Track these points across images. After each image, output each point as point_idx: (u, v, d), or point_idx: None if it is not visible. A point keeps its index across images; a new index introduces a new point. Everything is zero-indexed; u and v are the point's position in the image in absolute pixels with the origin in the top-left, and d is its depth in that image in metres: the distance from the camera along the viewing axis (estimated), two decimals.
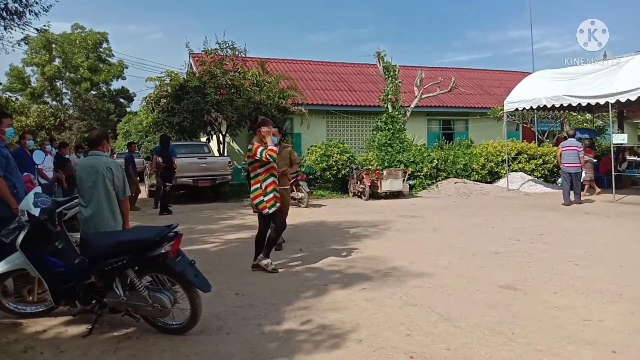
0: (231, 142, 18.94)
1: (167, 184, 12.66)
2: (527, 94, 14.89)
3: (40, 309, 4.63)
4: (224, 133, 17.76)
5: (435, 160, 16.57)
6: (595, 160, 15.17)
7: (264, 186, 6.20)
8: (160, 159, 12.85)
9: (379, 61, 17.97)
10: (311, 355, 3.80)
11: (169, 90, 17.06)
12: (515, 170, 16.91)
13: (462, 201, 13.94)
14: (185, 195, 15.35)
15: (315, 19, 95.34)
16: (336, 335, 4.16)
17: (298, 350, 3.89)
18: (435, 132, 23.14)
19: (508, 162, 16.52)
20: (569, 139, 12.96)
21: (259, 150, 6.11)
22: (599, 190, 14.19)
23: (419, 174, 16.28)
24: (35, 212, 4.18)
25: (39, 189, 4.67)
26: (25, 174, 7.72)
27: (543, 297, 5.07)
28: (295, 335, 4.18)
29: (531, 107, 15.14)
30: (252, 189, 6.34)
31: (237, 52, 18.35)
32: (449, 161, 16.92)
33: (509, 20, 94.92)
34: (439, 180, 16.45)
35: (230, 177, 15.13)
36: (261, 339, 4.12)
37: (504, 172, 16.59)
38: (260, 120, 6.50)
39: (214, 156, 16.24)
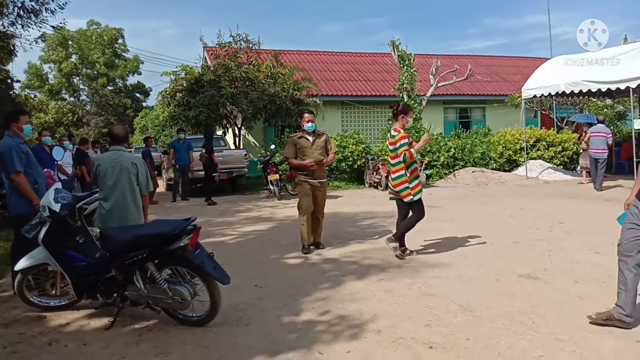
0: (247, 135, 19.00)
1: (213, 175, 13.46)
2: (545, 80, 14.63)
3: (63, 303, 4.73)
4: (239, 126, 17.82)
5: (452, 149, 16.41)
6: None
7: (408, 173, 6.19)
8: (204, 151, 13.35)
9: (394, 50, 17.82)
10: (330, 345, 3.82)
11: (185, 85, 17.15)
12: (534, 158, 16.68)
13: (480, 190, 13.81)
14: (203, 189, 15.46)
15: (328, 9, 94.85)
16: (355, 325, 4.17)
17: (317, 341, 3.91)
18: (452, 120, 22.91)
19: (526, 150, 16.29)
20: (598, 125, 13.23)
21: (401, 142, 6.12)
22: (588, 179, 13.85)
23: (435, 163, 16.15)
24: (56, 207, 4.25)
25: (59, 185, 4.74)
26: (46, 169, 7.85)
27: (564, 286, 5.01)
28: (313, 326, 4.20)
29: (549, 94, 14.85)
30: (394, 176, 6.28)
31: (251, 45, 18.37)
32: (466, 150, 16.75)
33: (525, 5, 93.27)
34: (456, 170, 16.31)
35: (246, 169, 15.20)
36: (280, 330, 4.15)
37: (523, 160, 16.37)
38: (402, 107, 6.31)
39: (230, 149, 16.32)
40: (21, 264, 4.46)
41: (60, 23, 14.89)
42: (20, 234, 4.67)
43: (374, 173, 14.96)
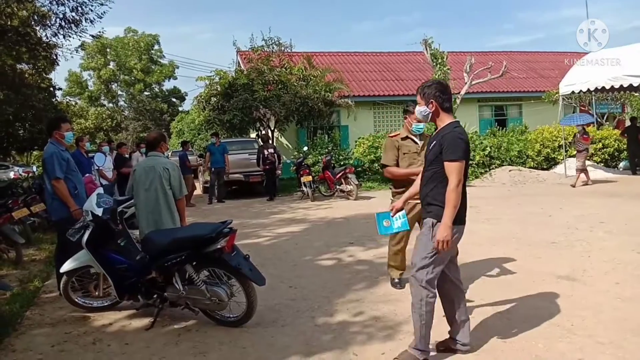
0: (279, 137, 19.18)
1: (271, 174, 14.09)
2: (584, 75, 14.23)
3: (106, 303, 4.91)
4: (272, 128, 18.01)
5: (488, 148, 16.15)
6: (590, 146, 14.18)
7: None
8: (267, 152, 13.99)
9: (426, 48, 17.67)
10: (365, 347, 3.85)
11: (219, 89, 17.45)
12: (573, 156, 16.21)
13: (517, 189, 13.54)
14: (237, 191, 15.71)
15: (360, 8, 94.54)
16: (389, 327, 4.18)
17: (352, 342, 3.94)
18: (487, 118, 22.50)
19: (565, 148, 15.87)
20: None
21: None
22: (585, 180, 13.34)
23: (471, 162, 15.89)
24: (99, 211, 4.42)
25: (101, 190, 4.92)
26: (87, 175, 8.15)
27: (604, 287, 4.89)
28: (348, 327, 4.24)
29: (589, 89, 14.45)
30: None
31: (283, 48, 18.54)
32: (502, 148, 16.45)
33: None
34: (493, 169, 16.03)
35: (279, 171, 15.36)
36: (315, 331, 4.20)
37: (561, 158, 15.97)
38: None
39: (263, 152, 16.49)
40: (66, 266, 4.66)
41: (99, 32, 15.40)
42: (63, 238, 4.88)
43: None
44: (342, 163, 15.44)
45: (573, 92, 15.25)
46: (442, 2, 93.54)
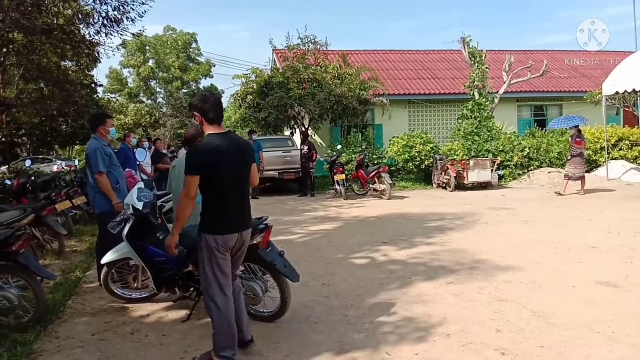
0: (313, 135, 19.22)
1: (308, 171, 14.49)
2: (629, 74, 13.71)
3: (144, 295, 5.04)
4: (306, 126, 18.06)
5: (526, 149, 15.78)
6: (586, 153, 13.46)
7: None
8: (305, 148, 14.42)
9: (464, 47, 17.39)
10: (397, 347, 3.82)
11: (255, 87, 17.63)
12: (616, 158, 15.70)
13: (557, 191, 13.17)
14: (271, 188, 15.83)
15: (397, 7, 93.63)
16: (422, 328, 4.15)
17: (384, 341, 3.93)
18: (527, 118, 21.97)
19: (607, 150, 15.36)
20: None
21: None
22: (582, 188, 12.32)
23: (508, 163, 15.60)
24: (139, 205, 4.53)
25: (141, 184, 5.04)
26: (127, 169, 8.36)
27: None
28: (381, 327, 4.22)
29: (634, 90, 13.93)
30: None
31: (318, 46, 18.57)
32: (541, 149, 16.05)
33: None
34: (531, 170, 15.66)
35: (313, 169, 15.39)
36: (348, 329, 4.20)
37: (603, 160, 15.45)
38: None
39: (298, 149, 16.59)
40: (107, 257, 4.80)
41: (140, 30, 15.79)
42: (104, 230, 5.02)
43: (443, 173, 14.68)
44: (375, 162, 15.37)
45: (617, 93, 14.73)
46: (481, 0, 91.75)
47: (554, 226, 8.42)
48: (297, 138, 18.55)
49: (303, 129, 17.36)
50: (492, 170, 14.23)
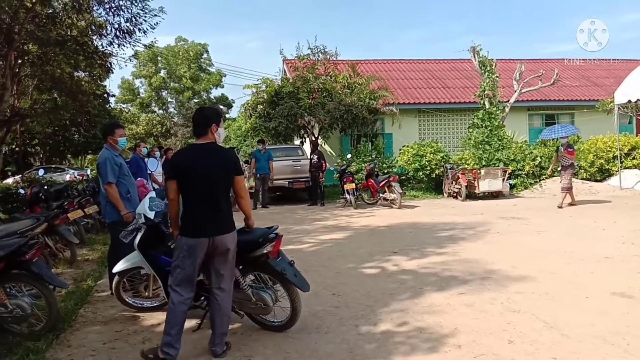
0: (323, 145, 19.26)
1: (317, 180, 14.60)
2: None
3: (155, 304, 5.05)
4: (316, 136, 18.12)
5: (538, 158, 15.66)
6: (577, 164, 13.14)
7: None
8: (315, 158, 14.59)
9: (474, 56, 17.40)
10: (409, 357, 3.79)
11: (265, 97, 17.74)
12: (629, 167, 15.51)
13: (569, 202, 13.04)
14: (281, 197, 15.86)
15: (407, 16, 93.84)
16: (434, 339, 4.11)
17: (395, 352, 3.90)
18: (538, 127, 21.79)
19: (620, 159, 15.21)
20: None
21: None
22: (571, 200, 11.94)
23: (520, 172, 15.50)
24: (151, 215, 4.56)
25: (153, 194, 5.07)
26: (139, 179, 8.43)
27: None
28: (392, 337, 4.19)
29: None
30: None
31: (328, 56, 18.67)
32: (553, 158, 15.89)
33: (619, 3, 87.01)
34: (543, 179, 15.53)
35: (323, 178, 15.40)
36: (358, 340, 4.17)
37: (616, 169, 15.29)
38: None
39: (308, 159, 16.62)
40: (118, 266, 4.83)
41: (152, 41, 16.00)
42: (116, 239, 5.06)
43: (454, 182, 14.62)
44: (385, 171, 15.35)
45: (629, 101, 14.61)
46: (491, 9, 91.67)
47: (566, 236, 8.33)
48: (307, 147, 18.62)
49: (313, 139, 17.42)
50: (503, 179, 14.14)
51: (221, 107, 52.61)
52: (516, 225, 9.69)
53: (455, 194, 14.55)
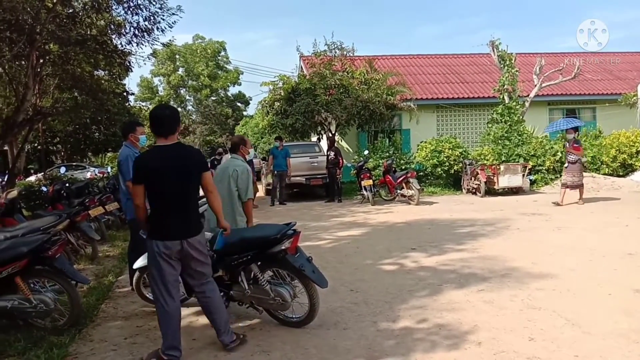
0: (340, 141, 19.22)
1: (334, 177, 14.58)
2: None
3: None
4: (333, 132, 18.09)
5: (558, 153, 15.41)
6: (585, 160, 12.69)
7: None
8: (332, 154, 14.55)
9: (493, 50, 17.18)
10: (428, 354, 3.77)
11: (282, 94, 17.75)
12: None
13: (591, 197, 12.83)
14: (298, 193, 15.89)
15: (424, 11, 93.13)
16: (454, 336, 4.08)
17: (415, 349, 3.88)
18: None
19: None
20: None
21: None
22: (577, 199, 11.47)
23: (540, 168, 15.28)
24: None
25: None
26: None
27: None
28: (411, 334, 4.17)
29: None
30: None
31: (345, 52, 18.59)
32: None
33: None
34: (561, 176, 15.29)
35: (340, 175, 15.39)
36: (377, 336, 4.16)
37: (639, 164, 14.98)
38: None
39: (325, 155, 16.62)
40: (139, 262, 4.88)
41: (170, 40, 16.10)
42: (136, 236, 5.11)
43: (472, 178, 14.47)
44: (403, 167, 15.26)
45: None
46: (510, 3, 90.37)
47: (588, 232, 8.20)
48: (324, 144, 18.60)
49: (330, 135, 17.40)
50: (523, 175, 13.95)
51: (238, 104, 52.97)
52: (537, 221, 9.56)
53: (474, 190, 14.40)
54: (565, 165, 11.66)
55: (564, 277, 5.62)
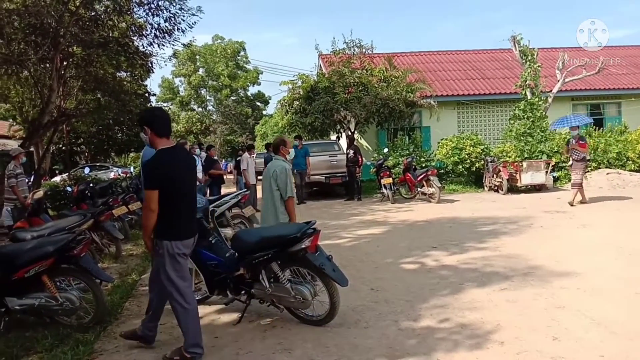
0: (359, 139, 19.17)
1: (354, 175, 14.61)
2: None
3: (197, 297, 5.10)
4: (352, 130, 18.05)
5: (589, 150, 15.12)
6: (589, 158, 12.29)
7: None
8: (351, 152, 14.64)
9: (515, 45, 16.93)
10: (450, 354, 3.74)
11: (301, 93, 17.77)
12: None
13: (616, 194, 12.57)
14: (318, 192, 15.91)
15: (445, 6, 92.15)
16: (476, 335, 4.04)
17: (436, 348, 3.85)
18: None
19: None
20: None
21: None
22: (584, 199, 11.09)
23: (564, 164, 15.00)
24: None
25: None
26: None
27: None
28: (433, 333, 4.14)
29: None
30: None
31: (364, 50, 18.53)
32: (599, 150, 15.36)
33: None
34: (588, 171, 14.99)
35: (359, 173, 15.35)
36: (398, 335, 4.15)
37: None
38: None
39: (344, 154, 16.60)
40: None
41: (190, 40, 16.21)
42: None
43: (494, 176, 14.30)
44: (423, 165, 15.15)
45: None
46: None
47: (614, 230, 8.03)
48: (343, 142, 18.58)
49: (349, 133, 17.36)
50: (546, 172, 13.73)
51: (258, 103, 53.25)
52: (560, 219, 9.40)
53: (496, 188, 14.23)
54: (570, 163, 11.26)
55: (588, 275, 5.52)
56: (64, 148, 26.87)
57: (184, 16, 13.07)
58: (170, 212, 3.69)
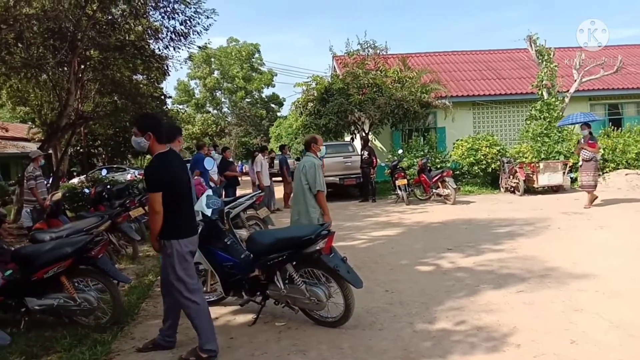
0: (374, 140, 19.12)
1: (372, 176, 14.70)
2: None
3: (213, 299, 5.19)
4: (367, 132, 18.02)
5: (601, 150, 14.91)
6: (600, 158, 11.98)
7: None
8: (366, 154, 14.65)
9: (531, 45, 16.76)
10: (466, 356, 3.72)
11: (315, 94, 17.79)
12: None
13: (636, 195, 12.37)
14: (332, 193, 15.87)
15: (460, 6, 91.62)
16: (492, 338, 4.01)
17: (452, 350, 3.83)
18: (600, 118, 20.78)
19: None
20: None
21: None
22: (596, 196, 10.76)
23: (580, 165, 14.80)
24: (208, 212, 4.70)
25: (210, 192, 5.22)
26: (196, 177, 8.68)
27: None
28: (448, 336, 4.12)
29: None
30: None
31: (378, 51, 18.49)
32: (617, 150, 15.12)
33: None
34: (607, 172, 14.78)
35: (374, 174, 15.32)
36: (413, 337, 4.13)
37: None
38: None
39: (358, 155, 16.57)
40: None
41: (205, 43, 16.35)
42: None
43: (511, 177, 14.16)
44: (438, 166, 15.07)
45: None
46: None
47: (632, 232, 7.91)
48: (357, 144, 18.56)
49: (363, 134, 17.34)
50: (563, 173, 13.57)
51: (272, 105, 53.45)
52: (578, 220, 9.28)
53: (512, 189, 14.09)
54: (580, 163, 10.95)
55: (606, 277, 5.45)
56: (81, 150, 27.26)
57: (199, 19, 13.19)
58: (174, 212, 3.83)
